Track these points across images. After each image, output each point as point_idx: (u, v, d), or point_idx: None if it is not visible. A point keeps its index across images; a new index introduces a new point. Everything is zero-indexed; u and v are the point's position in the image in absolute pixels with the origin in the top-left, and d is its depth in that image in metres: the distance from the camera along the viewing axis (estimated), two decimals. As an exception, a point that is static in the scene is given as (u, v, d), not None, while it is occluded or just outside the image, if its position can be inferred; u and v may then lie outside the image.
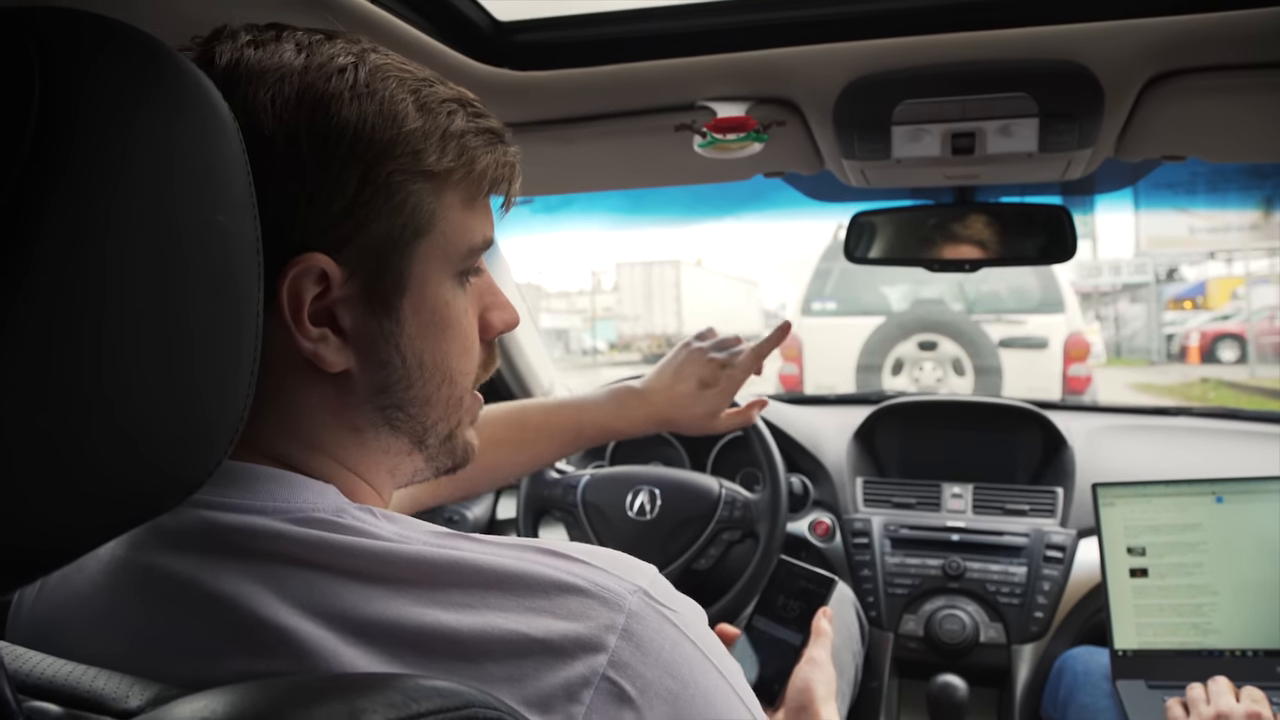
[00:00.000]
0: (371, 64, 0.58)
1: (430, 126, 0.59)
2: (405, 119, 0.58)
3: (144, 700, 0.48)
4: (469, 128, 0.61)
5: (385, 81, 0.58)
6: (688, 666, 0.54)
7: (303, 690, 0.44)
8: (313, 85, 0.56)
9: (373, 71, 0.58)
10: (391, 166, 0.57)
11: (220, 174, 0.46)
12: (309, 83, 0.56)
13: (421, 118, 0.58)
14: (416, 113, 0.58)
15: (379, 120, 0.57)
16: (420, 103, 0.59)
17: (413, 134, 0.58)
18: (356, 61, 0.58)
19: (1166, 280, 20.92)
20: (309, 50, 0.58)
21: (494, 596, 0.52)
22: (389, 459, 0.65)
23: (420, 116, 0.58)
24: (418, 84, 0.60)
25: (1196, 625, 1.43)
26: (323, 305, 0.58)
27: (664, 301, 22.79)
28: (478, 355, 0.67)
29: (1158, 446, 1.98)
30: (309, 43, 0.58)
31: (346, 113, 0.56)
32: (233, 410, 0.47)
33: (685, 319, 22.34)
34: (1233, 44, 1.01)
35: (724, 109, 1.15)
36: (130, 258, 0.41)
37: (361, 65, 0.58)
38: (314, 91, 0.56)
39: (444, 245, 0.61)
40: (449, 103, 0.60)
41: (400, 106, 0.58)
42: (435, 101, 0.60)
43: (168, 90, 0.44)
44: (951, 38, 1.02)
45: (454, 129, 0.60)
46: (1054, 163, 1.30)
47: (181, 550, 0.55)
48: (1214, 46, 1.01)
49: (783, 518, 1.58)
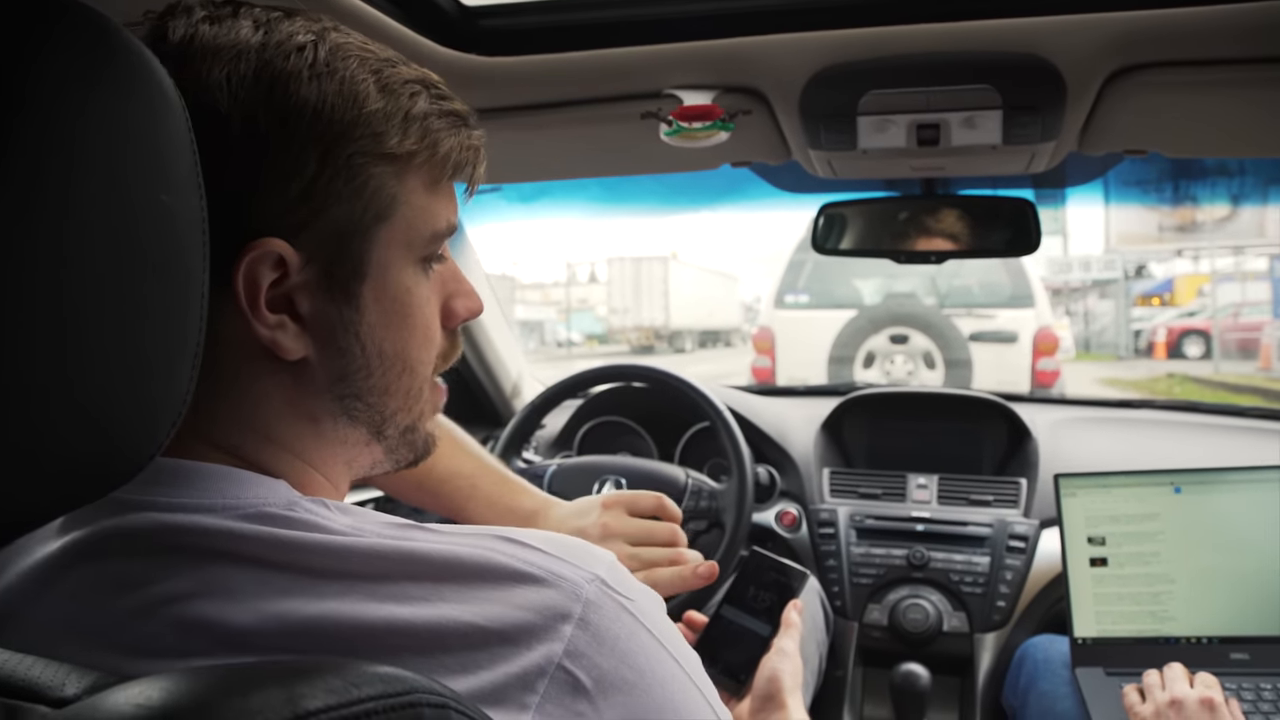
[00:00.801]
0: (332, 42, 0.57)
1: (392, 108, 0.57)
2: (366, 100, 0.56)
3: (80, 688, 0.47)
4: (432, 110, 0.59)
5: (346, 61, 0.56)
6: (644, 656, 0.53)
7: (241, 677, 0.43)
8: (270, 63, 0.54)
9: (333, 50, 0.56)
10: (352, 148, 0.56)
11: (167, 153, 0.45)
12: (267, 60, 0.54)
13: (383, 99, 0.57)
14: (378, 93, 0.57)
15: (339, 100, 0.55)
16: (382, 83, 0.57)
17: (374, 115, 0.56)
18: (316, 40, 0.56)
19: (1135, 277, 21.20)
20: (267, 27, 0.56)
21: (448, 588, 0.51)
22: (346, 450, 0.63)
23: (382, 97, 0.57)
24: (380, 64, 0.58)
25: (1154, 613, 1.45)
26: (280, 291, 0.56)
27: (652, 296, 23.35)
28: (439, 344, 0.65)
29: (1120, 438, 2.01)
30: (267, 19, 0.57)
31: (305, 92, 0.54)
32: (177, 392, 0.46)
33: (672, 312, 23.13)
34: (1194, 40, 1.02)
35: (690, 97, 1.15)
36: (79, 238, 0.40)
37: (322, 44, 0.56)
38: (272, 69, 0.54)
39: (406, 230, 0.59)
40: (412, 84, 0.59)
41: (361, 87, 0.56)
42: (398, 82, 0.58)
43: (118, 69, 0.43)
44: (917, 29, 1.02)
45: (416, 111, 0.58)
46: (1018, 156, 1.31)
47: (129, 550, 0.54)
48: (1175, 42, 1.02)
49: (749, 508, 1.59)
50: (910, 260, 1.59)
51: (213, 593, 0.51)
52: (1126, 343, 18.64)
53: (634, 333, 23.77)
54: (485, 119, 1.26)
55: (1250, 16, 0.94)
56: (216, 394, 0.56)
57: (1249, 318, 15.54)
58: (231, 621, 0.50)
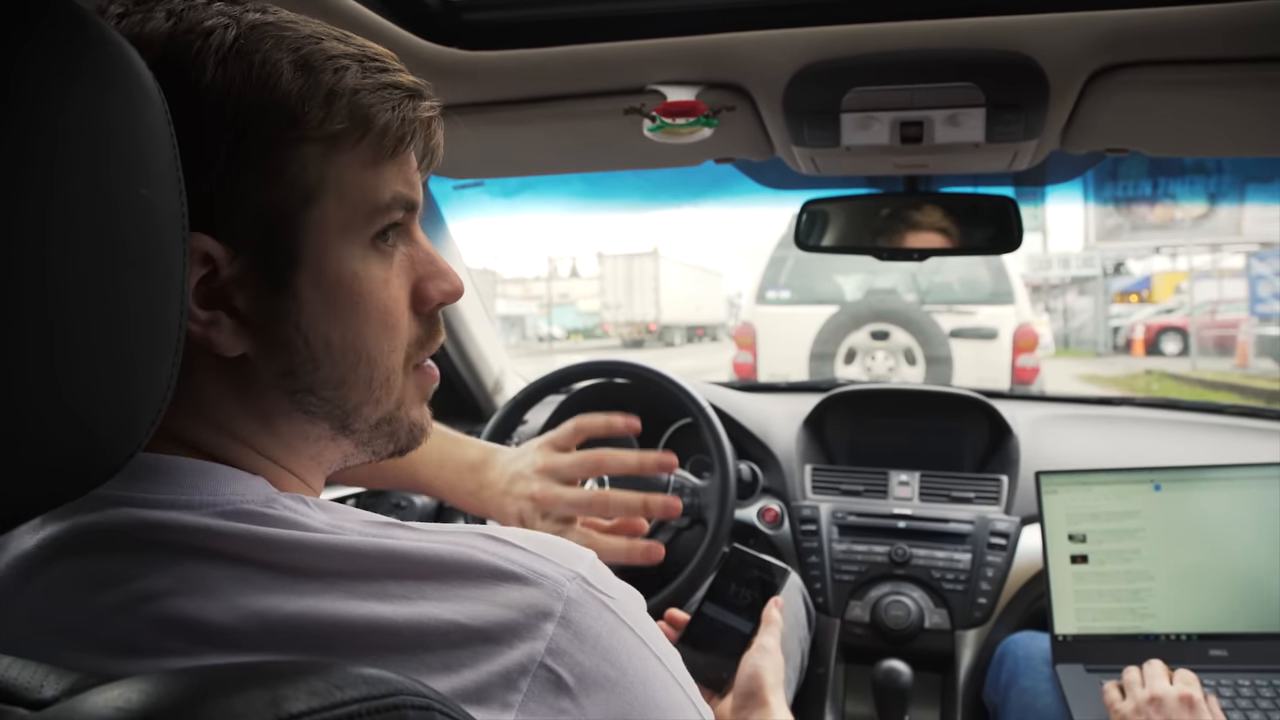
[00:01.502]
0: (247, 24, 0.54)
1: (310, 87, 0.54)
2: (279, 81, 0.54)
3: (59, 690, 0.46)
4: (364, 84, 0.56)
5: (261, 42, 0.54)
6: (626, 654, 0.53)
7: (223, 678, 0.43)
8: (173, 53, 0.52)
9: (247, 32, 0.54)
10: (264, 134, 0.53)
11: (147, 146, 0.45)
12: (170, 49, 0.52)
13: (301, 78, 0.54)
14: (294, 73, 0.54)
15: (246, 85, 0.53)
16: (301, 61, 0.55)
17: (288, 96, 0.54)
18: (229, 23, 0.54)
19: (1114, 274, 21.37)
20: (178, 16, 0.54)
21: (430, 586, 0.51)
22: (310, 446, 0.62)
23: (299, 77, 0.54)
24: (301, 41, 0.55)
25: (1134, 610, 1.46)
26: (213, 287, 0.54)
27: (643, 291, 23.90)
28: (406, 329, 0.62)
29: (1100, 435, 2.02)
30: (182, 8, 0.55)
31: (209, 80, 0.52)
32: (157, 389, 0.46)
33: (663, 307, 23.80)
34: (1177, 39, 1.02)
35: (674, 93, 1.15)
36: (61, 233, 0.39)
37: (234, 27, 0.54)
38: (174, 58, 0.52)
39: (341, 211, 0.57)
40: (340, 59, 0.56)
41: (273, 68, 0.54)
42: (320, 59, 0.55)
43: (98, 62, 0.43)
44: (901, 26, 1.02)
45: (342, 87, 0.55)
46: (1001, 153, 1.31)
47: (106, 547, 0.53)
48: (1158, 41, 1.03)
49: (731, 505, 1.58)
50: (893, 257, 1.59)
51: (191, 590, 0.51)
52: (1105, 339, 18.80)
53: (626, 327, 24.43)
54: (468, 113, 1.25)
55: (1234, 16, 0.95)
56: (178, 390, 0.55)
57: (1226, 315, 15.69)
58: (211, 619, 0.50)
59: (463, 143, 1.34)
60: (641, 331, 24.12)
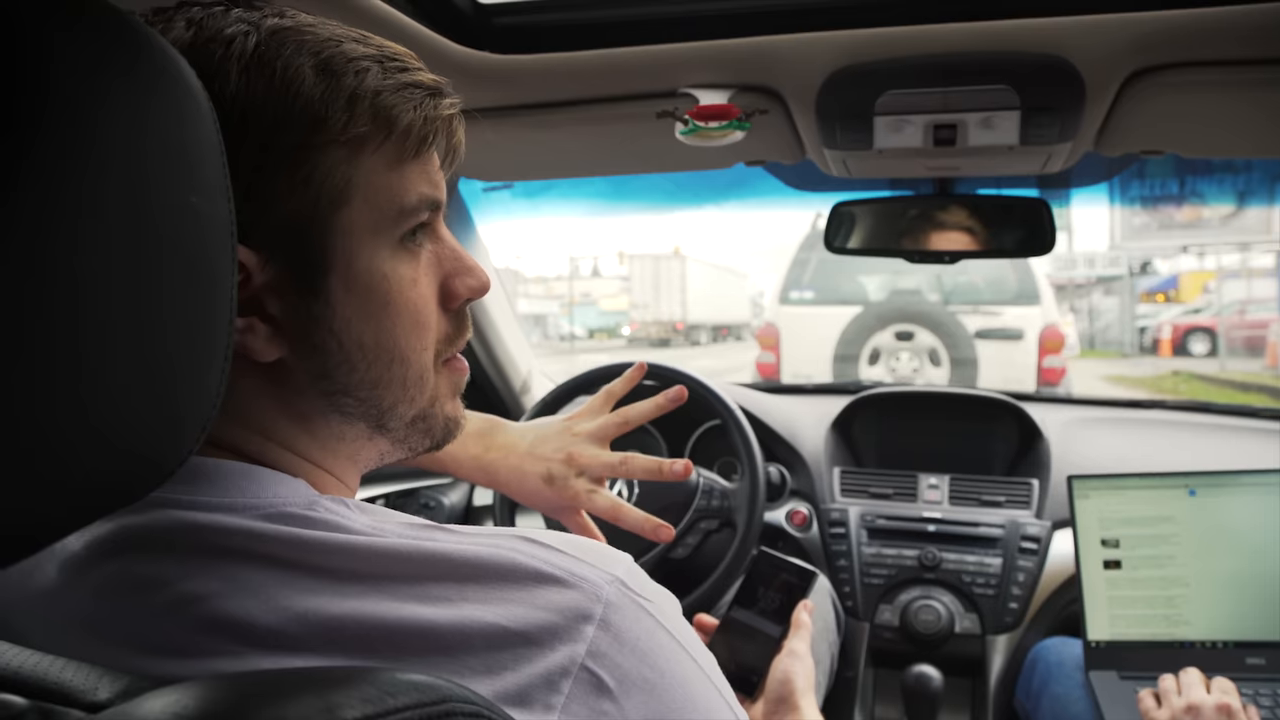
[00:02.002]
0: (267, 30, 0.55)
1: (333, 90, 0.55)
2: (301, 86, 0.54)
3: (113, 692, 0.47)
4: (385, 85, 0.57)
5: (281, 48, 0.54)
6: (664, 656, 0.54)
7: (276, 684, 0.43)
8: (196, 62, 0.52)
9: (268, 38, 0.54)
10: (290, 140, 0.54)
11: (194, 154, 0.45)
12: (193, 59, 0.52)
13: (322, 82, 0.54)
14: (316, 77, 0.54)
15: (270, 92, 0.53)
16: (322, 65, 0.55)
17: (311, 101, 0.54)
18: (249, 30, 0.54)
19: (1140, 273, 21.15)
20: (199, 25, 0.54)
21: (471, 588, 0.51)
22: (346, 446, 0.62)
23: (321, 81, 0.54)
24: (321, 45, 0.55)
25: (1168, 617, 1.45)
26: (247, 294, 0.55)
27: (670, 291, 24.36)
28: (436, 327, 0.63)
29: (1132, 439, 2.00)
30: (201, 17, 0.55)
31: (233, 88, 0.53)
32: (205, 398, 0.46)
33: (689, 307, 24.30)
34: (1215, 40, 1.01)
35: (706, 96, 1.15)
36: (101, 240, 0.39)
37: (254, 33, 0.54)
38: (197, 67, 0.51)
39: (369, 213, 0.57)
40: (360, 60, 0.56)
41: (295, 74, 0.54)
42: (341, 62, 0.55)
43: (140, 67, 0.43)
44: (936, 29, 1.01)
45: (364, 89, 0.56)
46: (1034, 156, 1.30)
47: (151, 549, 0.53)
48: (1197, 42, 1.02)
49: (760, 507, 1.58)
50: (923, 260, 1.58)
51: (236, 592, 0.51)
52: (1131, 340, 18.60)
53: (653, 326, 24.90)
54: (500, 117, 1.25)
55: (1273, 16, 0.93)
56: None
57: (1255, 315, 15.50)
58: (255, 621, 0.50)
59: (495, 146, 1.34)
60: (668, 331, 24.63)
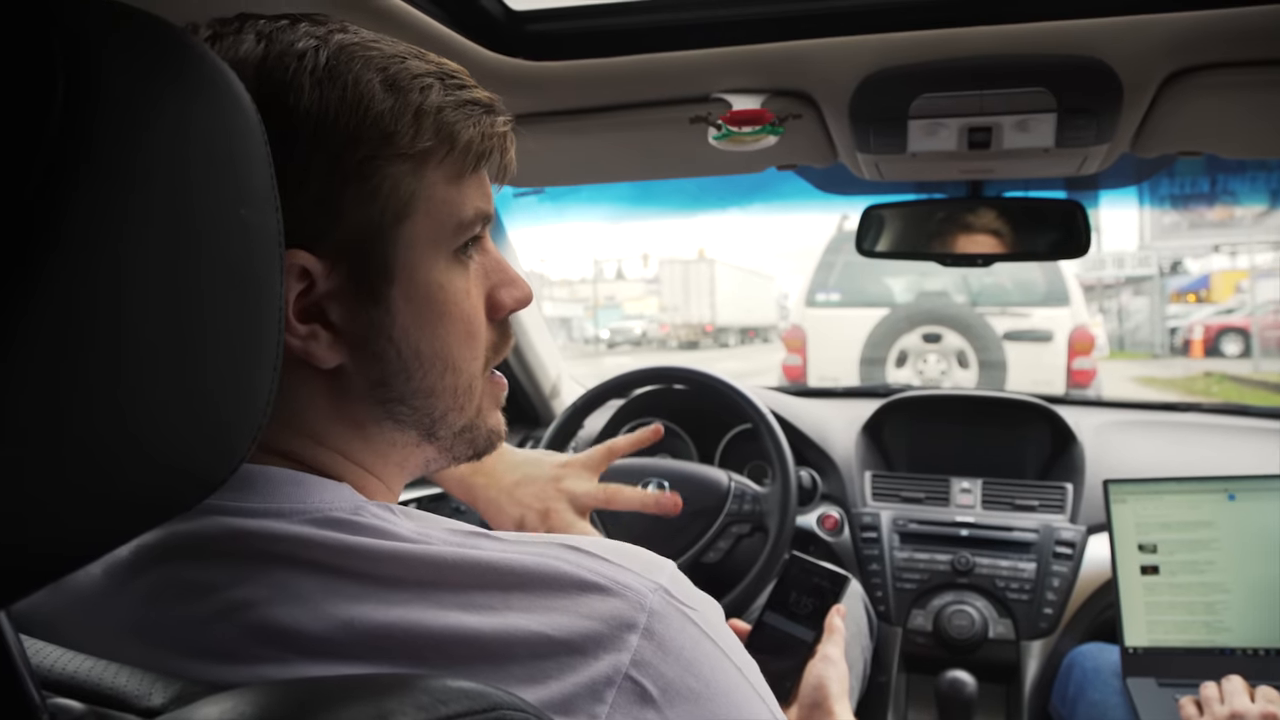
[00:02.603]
0: (335, 45, 0.56)
1: (400, 106, 0.56)
2: (372, 101, 0.55)
3: (166, 698, 0.48)
4: (447, 101, 0.58)
5: (350, 63, 0.55)
6: (709, 665, 0.54)
7: (331, 691, 0.43)
8: (269, 76, 0.54)
9: (336, 53, 0.55)
10: (361, 153, 0.55)
11: (243, 166, 0.45)
12: (266, 73, 0.54)
13: (390, 97, 0.56)
14: (385, 93, 0.56)
15: (342, 106, 0.54)
16: (389, 81, 0.56)
17: (381, 116, 0.55)
18: (319, 44, 0.55)
19: (1170, 273, 20.90)
20: (269, 39, 0.55)
21: (515, 597, 0.52)
22: (397, 452, 0.63)
23: (389, 96, 0.56)
24: (387, 61, 0.57)
25: (1208, 623, 1.43)
26: (310, 301, 0.56)
27: (700, 295, 24.90)
28: (485, 338, 0.64)
29: (1167, 442, 1.98)
30: (270, 30, 0.56)
31: (307, 101, 0.54)
32: (255, 409, 0.46)
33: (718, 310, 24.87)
34: (1253, 40, 1.00)
35: (739, 101, 1.15)
36: (150, 253, 0.39)
37: (324, 48, 0.55)
38: (271, 83, 0.53)
39: (430, 226, 0.58)
40: (423, 78, 0.57)
41: (366, 88, 0.55)
42: (406, 78, 0.57)
43: (188, 79, 0.43)
44: (971, 31, 1.01)
45: (429, 105, 0.57)
46: (1070, 158, 1.29)
47: (199, 554, 0.54)
48: (1235, 42, 1.01)
49: (793, 511, 1.58)
50: (956, 263, 1.58)
51: (284, 599, 0.52)
52: (1162, 340, 18.38)
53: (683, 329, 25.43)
54: (533, 123, 1.26)
55: None
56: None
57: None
58: (302, 628, 0.51)
59: (527, 152, 1.35)
60: (698, 333, 25.09)
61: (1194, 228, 18.32)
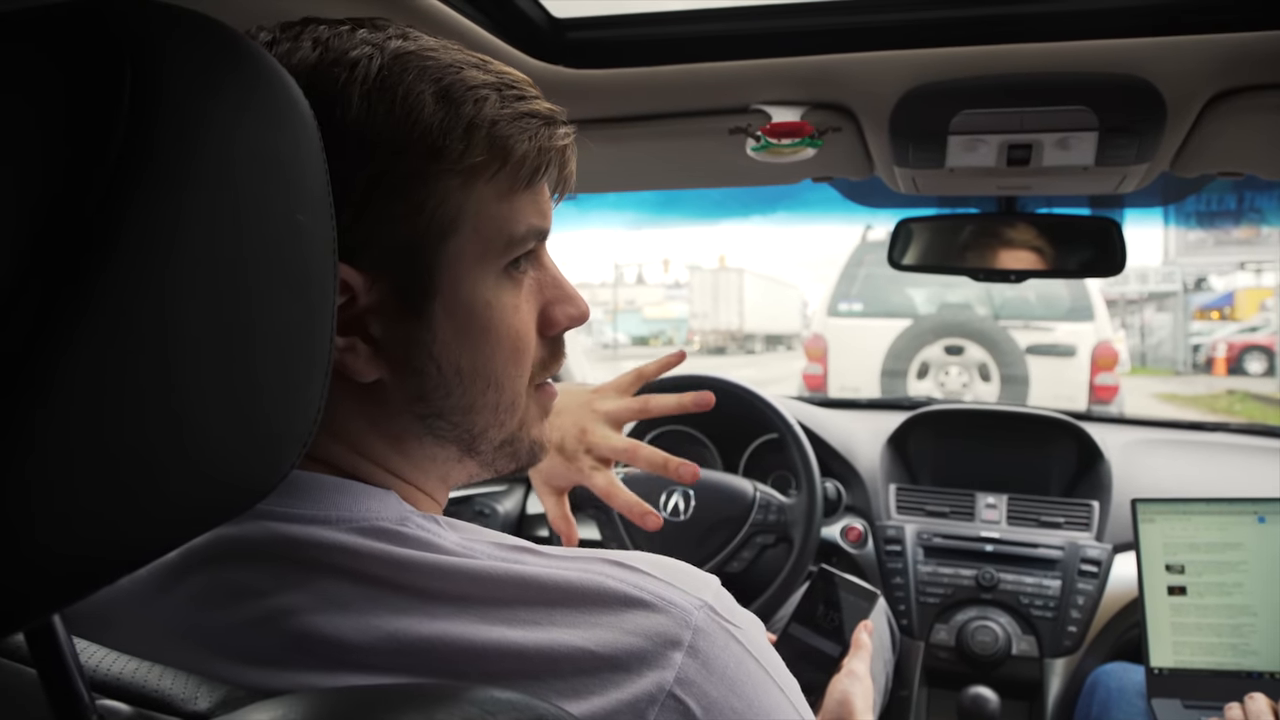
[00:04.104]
0: (392, 53, 0.55)
1: (451, 119, 0.54)
2: (421, 114, 0.54)
3: (213, 702, 0.48)
4: (503, 114, 0.56)
5: (404, 74, 0.54)
6: (752, 685, 0.53)
7: (378, 700, 0.44)
8: (318, 84, 0.53)
9: (391, 62, 0.54)
10: (407, 167, 0.54)
11: (298, 170, 0.45)
12: (315, 81, 0.53)
13: (442, 110, 0.54)
14: (436, 105, 0.54)
15: (390, 119, 0.53)
16: (442, 92, 0.55)
17: (430, 130, 0.54)
18: (374, 52, 0.54)
19: (1194, 290, 20.73)
20: (324, 45, 0.55)
21: (559, 612, 0.51)
22: (438, 467, 0.63)
23: (440, 109, 0.54)
24: (443, 71, 0.55)
25: (1235, 646, 1.42)
26: (350, 314, 0.55)
27: (728, 302, 25.60)
28: (533, 354, 0.63)
29: (1193, 462, 1.96)
30: (329, 36, 0.55)
31: (355, 113, 0.53)
32: (305, 418, 0.46)
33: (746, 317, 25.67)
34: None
35: (779, 113, 1.14)
36: (205, 259, 0.39)
37: (379, 56, 0.54)
38: (318, 91, 0.52)
39: (477, 242, 0.57)
40: (479, 89, 0.56)
41: (416, 101, 0.54)
42: (461, 90, 0.55)
43: (245, 82, 0.43)
44: (1013, 49, 1.00)
45: (482, 118, 0.55)
46: (1109, 176, 1.29)
47: (245, 559, 0.54)
48: None
49: (817, 523, 1.57)
50: (988, 278, 1.57)
51: (328, 608, 0.51)
52: (1185, 357, 18.23)
53: (712, 335, 26.27)
54: (572, 131, 1.26)
55: None
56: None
57: (1315, 335, 15.11)
58: (345, 638, 0.51)
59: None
60: (725, 339, 25.89)
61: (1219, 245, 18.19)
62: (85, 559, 0.37)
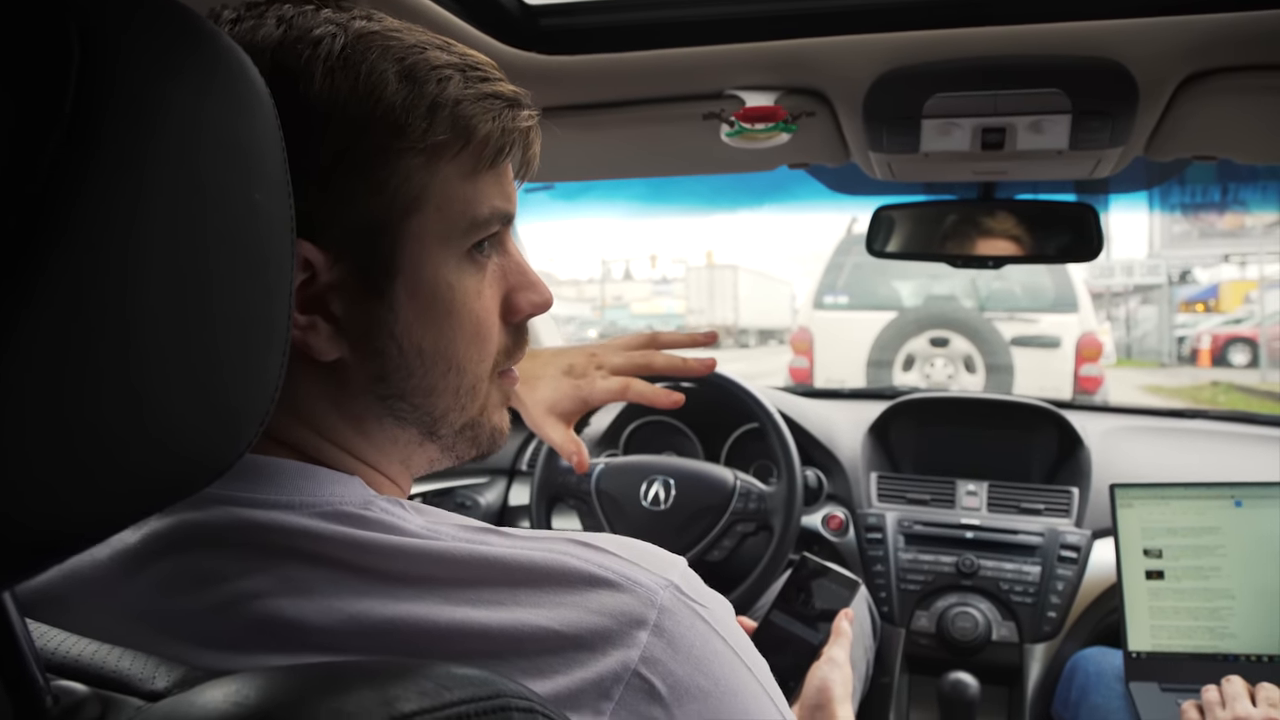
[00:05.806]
0: (355, 32, 0.55)
1: (415, 97, 0.54)
2: (384, 91, 0.54)
3: (170, 682, 0.47)
4: (466, 94, 0.56)
5: (367, 52, 0.54)
6: (718, 663, 0.53)
7: (334, 677, 0.43)
8: (283, 62, 0.53)
9: (354, 40, 0.54)
10: (369, 144, 0.54)
11: (256, 150, 0.44)
12: (279, 58, 0.53)
13: (405, 88, 0.54)
14: (399, 83, 0.54)
15: (353, 95, 0.53)
16: (405, 71, 0.55)
17: (393, 107, 0.54)
18: (338, 31, 0.54)
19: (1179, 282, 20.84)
20: (289, 23, 0.54)
21: (523, 592, 0.51)
22: (398, 450, 0.62)
23: (404, 87, 0.54)
24: (406, 51, 0.55)
25: (1212, 629, 1.42)
26: (312, 293, 0.55)
27: (724, 298, 26.00)
28: (496, 339, 0.63)
29: (1173, 448, 1.97)
30: (292, 15, 0.55)
31: (318, 88, 0.53)
32: (263, 394, 0.45)
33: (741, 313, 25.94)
34: (1271, 43, 0.99)
35: (753, 98, 1.14)
36: (160, 237, 0.39)
37: (342, 35, 0.54)
38: (284, 68, 0.52)
39: (440, 222, 0.57)
40: (443, 69, 0.56)
41: (379, 78, 0.54)
42: (425, 69, 0.55)
43: (201, 62, 0.42)
44: (986, 31, 1.00)
45: (445, 97, 0.55)
46: (1083, 160, 1.29)
47: (209, 545, 0.54)
48: (1253, 45, 1.00)
49: (798, 511, 1.58)
50: (966, 264, 1.57)
51: (291, 592, 0.51)
52: (1169, 349, 18.33)
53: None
54: (546, 118, 1.26)
55: None
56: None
57: (1298, 326, 15.19)
58: (307, 621, 0.50)
59: (539, 146, 1.35)
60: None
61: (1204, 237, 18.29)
62: (38, 531, 0.36)
